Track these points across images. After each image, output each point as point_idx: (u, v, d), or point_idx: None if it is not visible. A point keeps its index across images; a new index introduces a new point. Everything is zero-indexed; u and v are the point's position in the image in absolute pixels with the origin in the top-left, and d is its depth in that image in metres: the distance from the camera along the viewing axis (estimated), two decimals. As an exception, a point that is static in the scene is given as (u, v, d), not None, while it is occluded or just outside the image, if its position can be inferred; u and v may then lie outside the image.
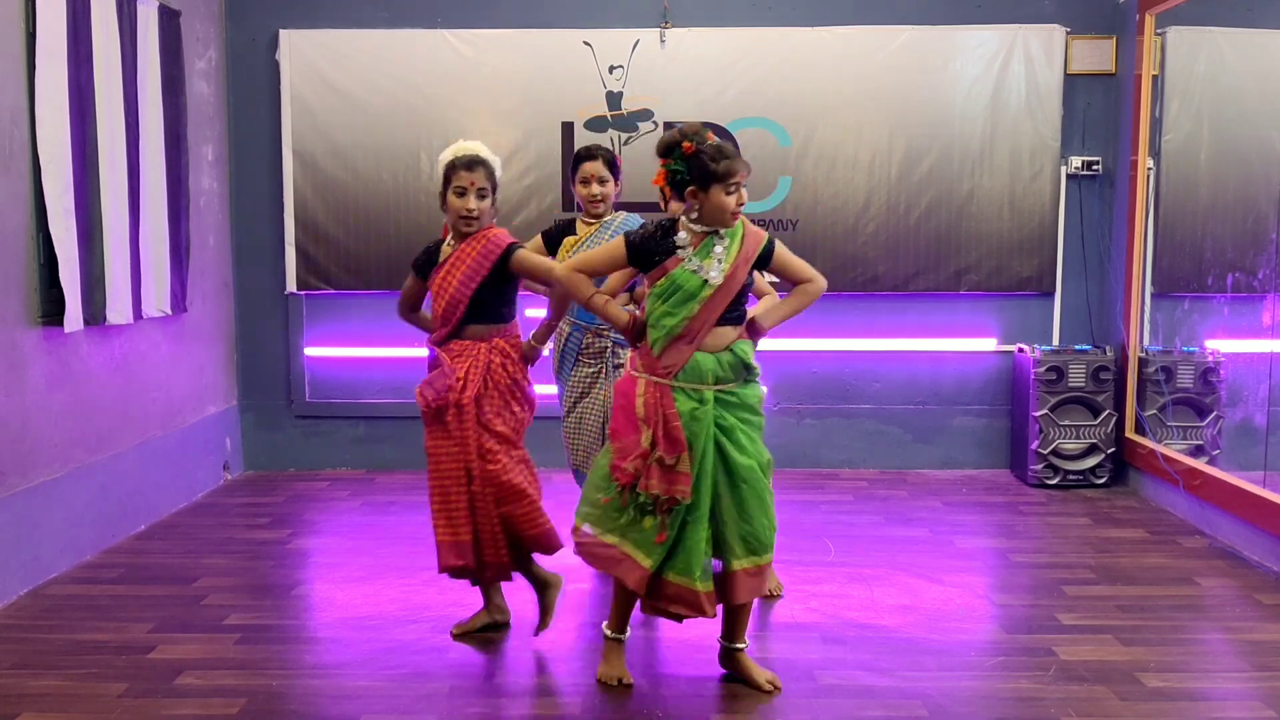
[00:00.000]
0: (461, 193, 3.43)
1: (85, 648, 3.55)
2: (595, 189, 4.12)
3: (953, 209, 5.89)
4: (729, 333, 3.17)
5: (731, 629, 3.28)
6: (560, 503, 4.04)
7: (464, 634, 3.63)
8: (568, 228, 4.21)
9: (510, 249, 3.46)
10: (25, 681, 3.29)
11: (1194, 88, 5.48)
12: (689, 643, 3.59)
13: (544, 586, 3.58)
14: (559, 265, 3.42)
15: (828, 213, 5.93)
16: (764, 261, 3.21)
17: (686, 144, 3.10)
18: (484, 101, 5.88)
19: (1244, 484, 4.53)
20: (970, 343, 6.04)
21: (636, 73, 5.86)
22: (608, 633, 3.32)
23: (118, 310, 4.57)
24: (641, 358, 3.20)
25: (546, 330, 3.62)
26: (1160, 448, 5.21)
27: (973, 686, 3.24)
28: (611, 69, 5.87)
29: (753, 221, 4.36)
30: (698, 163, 3.08)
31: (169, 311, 5.10)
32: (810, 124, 5.89)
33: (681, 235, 3.14)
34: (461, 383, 3.43)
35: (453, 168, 3.46)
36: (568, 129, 5.87)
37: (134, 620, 3.78)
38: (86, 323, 4.35)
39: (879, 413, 6.10)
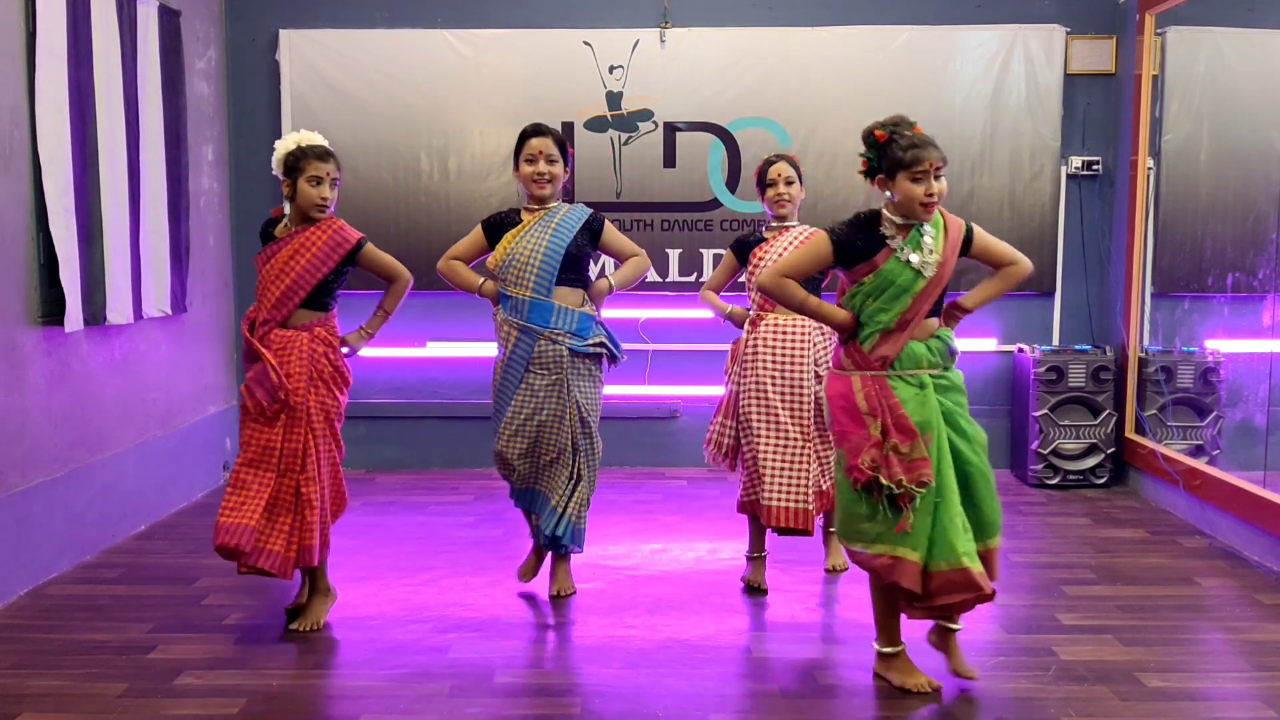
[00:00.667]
0: (318, 182, 3.57)
1: (85, 648, 3.55)
2: (543, 167, 3.79)
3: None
4: (934, 321, 3.17)
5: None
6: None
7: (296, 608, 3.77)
8: (510, 217, 3.90)
9: (360, 244, 3.64)
10: (25, 681, 3.29)
11: (1194, 88, 5.49)
12: (689, 642, 3.60)
13: (316, 592, 3.74)
14: (764, 274, 3.27)
15: (828, 212, 5.92)
16: (965, 248, 3.17)
17: (879, 131, 3.08)
18: (484, 101, 5.89)
19: (1244, 484, 4.53)
20: (970, 343, 6.03)
21: (636, 73, 5.86)
22: (886, 650, 3.24)
23: (118, 310, 4.57)
24: (850, 355, 3.16)
25: (379, 322, 3.80)
26: (1160, 448, 5.21)
27: (973, 686, 3.24)
28: (611, 69, 5.87)
29: (754, 221, 4.36)
30: (887, 150, 3.06)
31: (169, 311, 5.10)
32: (810, 124, 5.89)
33: (888, 224, 3.10)
34: (290, 381, 3.55)
35: (305, 156, 3.57)
36: (568, 129, 5.86)
37: (134, 620, 3.78)
38: (86, 323, 4.35)
39: (879, 413, 6.09)
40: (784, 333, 3.97)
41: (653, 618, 3.81)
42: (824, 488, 3.98)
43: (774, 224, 4.10)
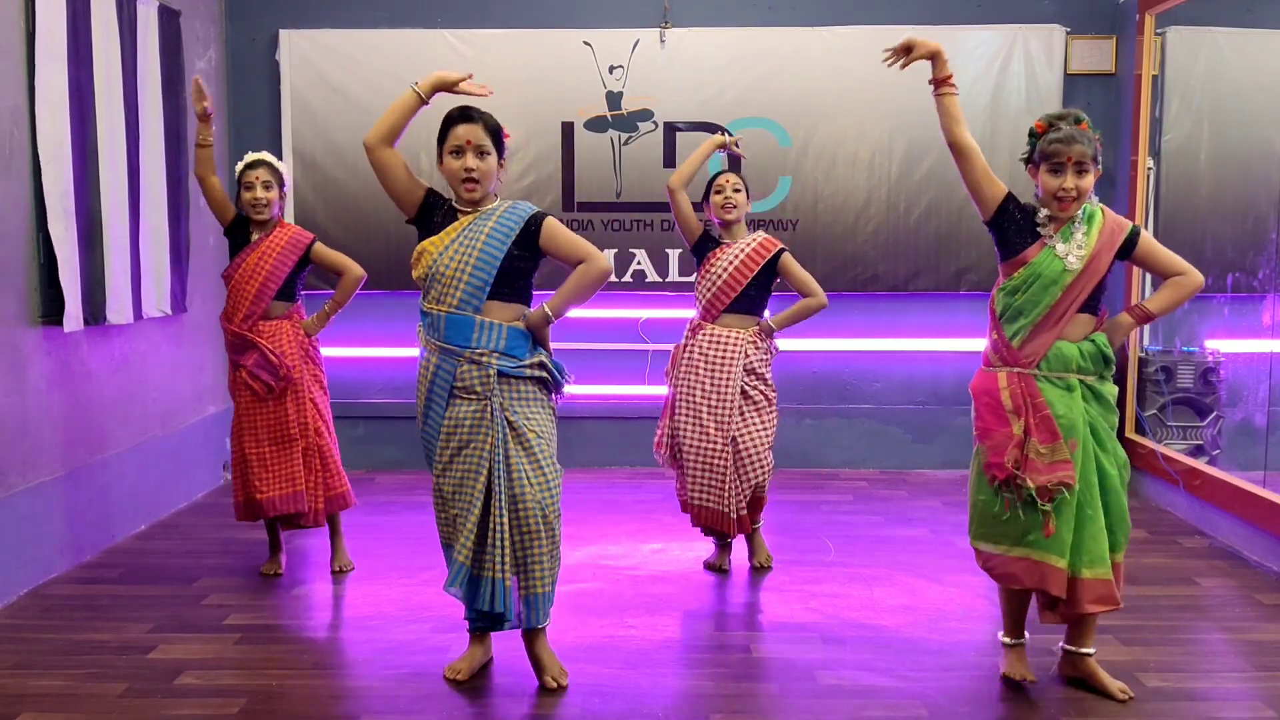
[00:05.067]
0: (249, 187, 4.08)
1: (85, 648, 3.55)
2: (471, 161, 3.12)
3: (953, 209, 5.90)
4: (1088, 321, 3.12)
5: (1083, 633, 3.19)
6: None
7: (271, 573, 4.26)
8: (446, 208, 3.27)
9: (313, 243, 4.18)
10: (25, 681, 3.29)
11: (1194, 88, 5.49)
12: (689, 642, 3.60)
13: (338, 534, 4.36)
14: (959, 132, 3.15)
15: (828, 212, 5.93)
16: (1126, 252, 3.11)
17: (1039, 122, 3.08)
18: (484, 101, 5.86)
19: (1244, 484, 4.53)
20: (970, 343, 6.04)
21: (636, 73, 5.86)
22: (1006, 640, 3.25)
23: (118, 310, 4.57)
24: (997, 350, 3.14)
25: (331, 310, 4.19)
26: (1160, 448, 5.21)
27: (973, 686, 3.24)
28: (611, 69, 5.87)
29: (753, 222, 4.37)
30: (1039, 143, 3.06)
31: (169, 311, 5.10)
32: (810, 124, 5.89)
33: (1043, 215, 3.08)
34: (287, 360, 4.09)
35: (244, 170, 4.12)
36: (568, 129, 5.87)
37: (134, 620, 3.78)
38: (86, 323, 4.35)
39: (879, 413, 6.10)
40: (719, 342, 4.16)
41: (653, 618, 3.81)
42: (753, 486, 4.16)
43: (724, 233, 4.23)
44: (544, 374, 3.19)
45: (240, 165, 4.15)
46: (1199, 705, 3.13)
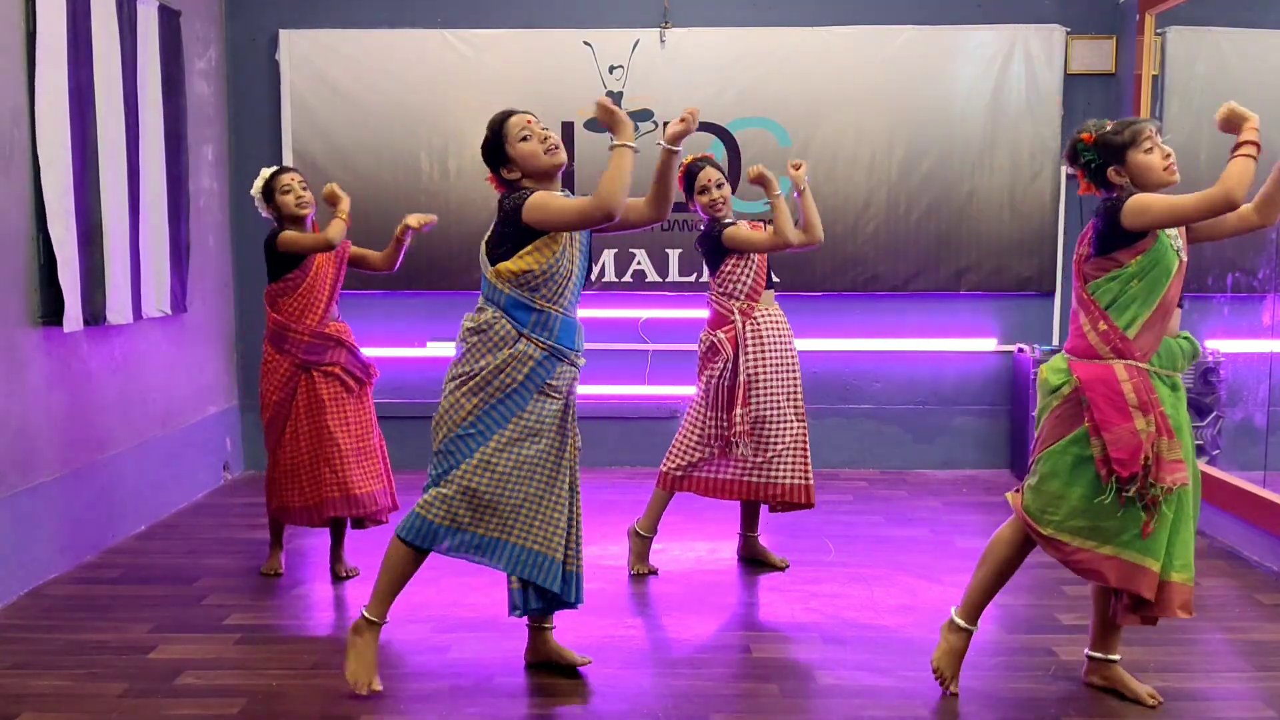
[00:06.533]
0: (286, 190, 4.06)
1: (85, 648, 3.55)
2: (542, 130, 3.16)
3: (953, 209, 5.90)
4: (1179, 314, 3.08)
5: (1111, 640, 3.19)
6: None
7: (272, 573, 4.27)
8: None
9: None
10: (25, 681, 3.29)
11: (1194, 88, 5.48)
12: (689, 642, 3.60)
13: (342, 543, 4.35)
14: (1228, 190, 2.89)
15: (827, 212, 5.91)
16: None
17: (1085, 135, 3.04)
18: (484, 101, 5.88)
19: (1244, 484, 4.53)
20: (970, 343, 6.05)
21: (636, 73, 5.86)
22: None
23: (118, 310, 4.57)
24: (1108, 340, 2.99)
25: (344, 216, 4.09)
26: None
27: (973, 686, 3.24)
28: (611, 69, 5.87)
29: (754, 222, 4.37)
30: (1104, 142, 3.01)
31: (169, 311, 5.10)
32: (810, 124, 5.89)
33: None
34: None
35: (275, 176, 4.10)
36: (568, 129, 5.87)
37: (134, 620, 3.78)
38: (86, 323, 4.35)
39: (879, 413, 6.11)
40: (777, 323, 4.23)
41: (653, 618, 3.81)
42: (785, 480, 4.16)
43: (717, 223, 4.21)
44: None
45: (268, 173, 4.12)
46: (1199, 705, 3.13)
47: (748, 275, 4.18)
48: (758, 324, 4.17)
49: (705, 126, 5.89)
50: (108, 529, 4.63)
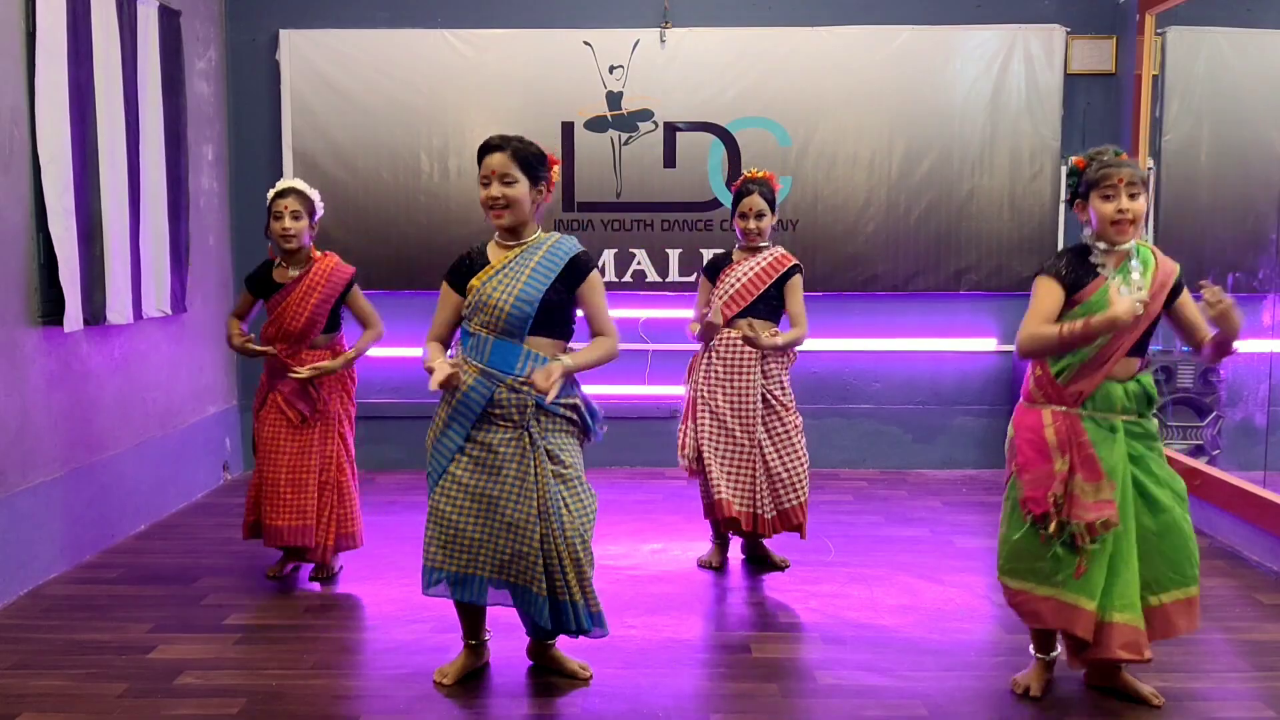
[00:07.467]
0: (277, 216, 3.99)
1: (85, 648, 3.55)
2: (496, 190, 3.09)
3: (952, 209, 5.90)
4: (1135, 362, 3.06)
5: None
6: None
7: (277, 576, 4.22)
8: (475, 259, 3.22)
9: (353, 280, 4.14)
10: (25, 681, 3.29)
11: (1194, 88, 5.49)
12: (689, 642, 3.60)
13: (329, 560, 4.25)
14: (1020, 344, 3.03)
15: (827, 212, 5.93)
16: (1173, 296, 3.05)
17: (1077, 159, 3.04)
18: (484, 101, 5.89)
19: (1244, 484, 4.53)
20: (970, 343, 6.05)
21: (636, 73, 5.86)
22: (1039, 656, 3.22)
23: (118, 310, 4.57)
24: (1041, 387, 3.06)
25: (346, 363, 4.11)
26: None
27: (973, 686, 3.24)
28: (611, 69, 5.87)
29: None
30: (1082, 174, 3.01)
31: (169, 311, 5.10)
32: (810, 124, 5.89)
33: (1099, 249, 3.00)
34: (323, 392, 4.09)
35: (274, 199, 4.03)
36: (568, 129, 5.87)
37: (134, 620, 3.78)
38: (86, 323, 4.35)
39: (879, 413, 6.11)
40: (736, 347, 4.17)
41: (653, 618, 3.81)
42: (785, 505, 4.18)
43: (744, 246, 4.24)
44: (575, 417, 3.20)
45: (271, 193, 4.06)
46: (1199, 705, 3.13)
47: (719, 297, 4.23)
48: (715, 348, 4.20)
49: (705, 126, 5.90)
50: (107, 529, 4.63)
